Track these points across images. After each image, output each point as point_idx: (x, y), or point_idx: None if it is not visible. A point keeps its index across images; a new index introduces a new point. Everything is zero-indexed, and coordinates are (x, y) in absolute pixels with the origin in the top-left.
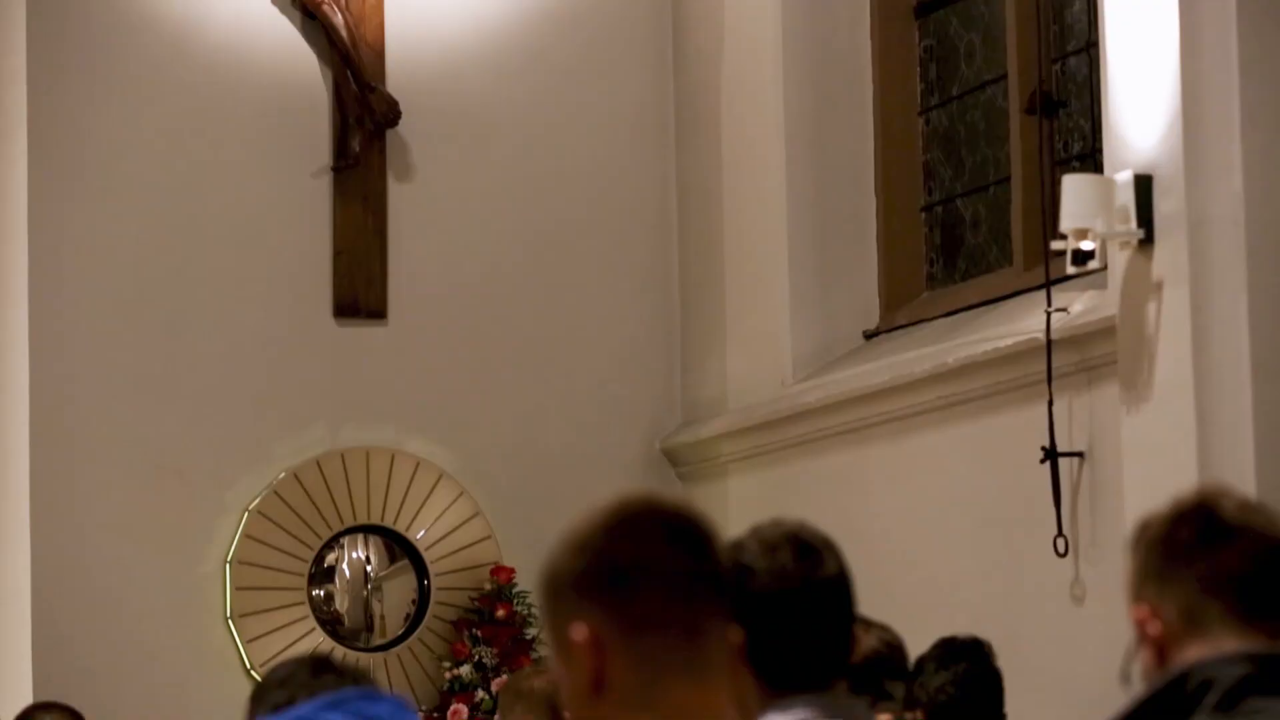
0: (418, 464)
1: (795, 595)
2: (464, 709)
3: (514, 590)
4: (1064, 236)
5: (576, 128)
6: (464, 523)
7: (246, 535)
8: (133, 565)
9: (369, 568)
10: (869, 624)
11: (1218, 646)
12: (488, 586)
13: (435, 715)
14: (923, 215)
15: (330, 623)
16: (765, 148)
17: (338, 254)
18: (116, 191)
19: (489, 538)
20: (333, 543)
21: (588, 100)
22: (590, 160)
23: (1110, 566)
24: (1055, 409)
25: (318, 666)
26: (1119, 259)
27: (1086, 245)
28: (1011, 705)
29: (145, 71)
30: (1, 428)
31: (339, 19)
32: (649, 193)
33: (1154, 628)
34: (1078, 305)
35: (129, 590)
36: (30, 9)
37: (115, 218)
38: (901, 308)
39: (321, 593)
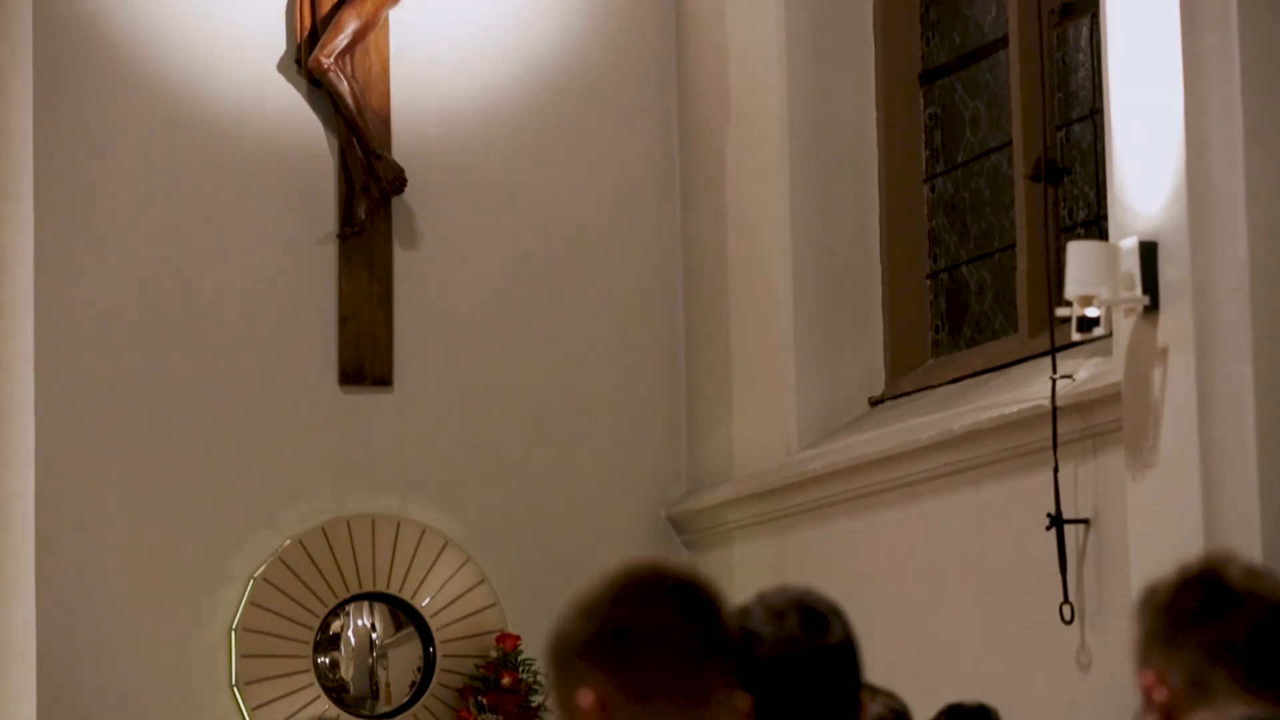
0: (423, 531)
1: (802, 661)
2: None
3: (520, 657)
4: (1069, 303)
5: (582, 195)
6: (469, 590)
7: (251, 602)
8: (138, 632)
9: (374, 635)
10: (875, 690)
11: (1224, 713)
12: (493, 654)
13: None
14: (928, 282)
15: (335, 690)
16: (770, 215)
17: (344, 321)
18: (122, 258)
19: (494, 605)
20: (338, 610)
21: (594, 168)
22: (596, 228)
23: (1116, 633)
24: (1061, 475)
25: None
26: (1124, 325)
27: (1091, 312)
28: None
29: (151, 138)
30: (7, 495)
31: (345, 86)
32: (654, 260)
33: (1160, 694)
34: (1083, 372)
35: (134, 657)
36: (37, 74)
37: (121, 284)
38: (907, 374)
39: (327, 660)
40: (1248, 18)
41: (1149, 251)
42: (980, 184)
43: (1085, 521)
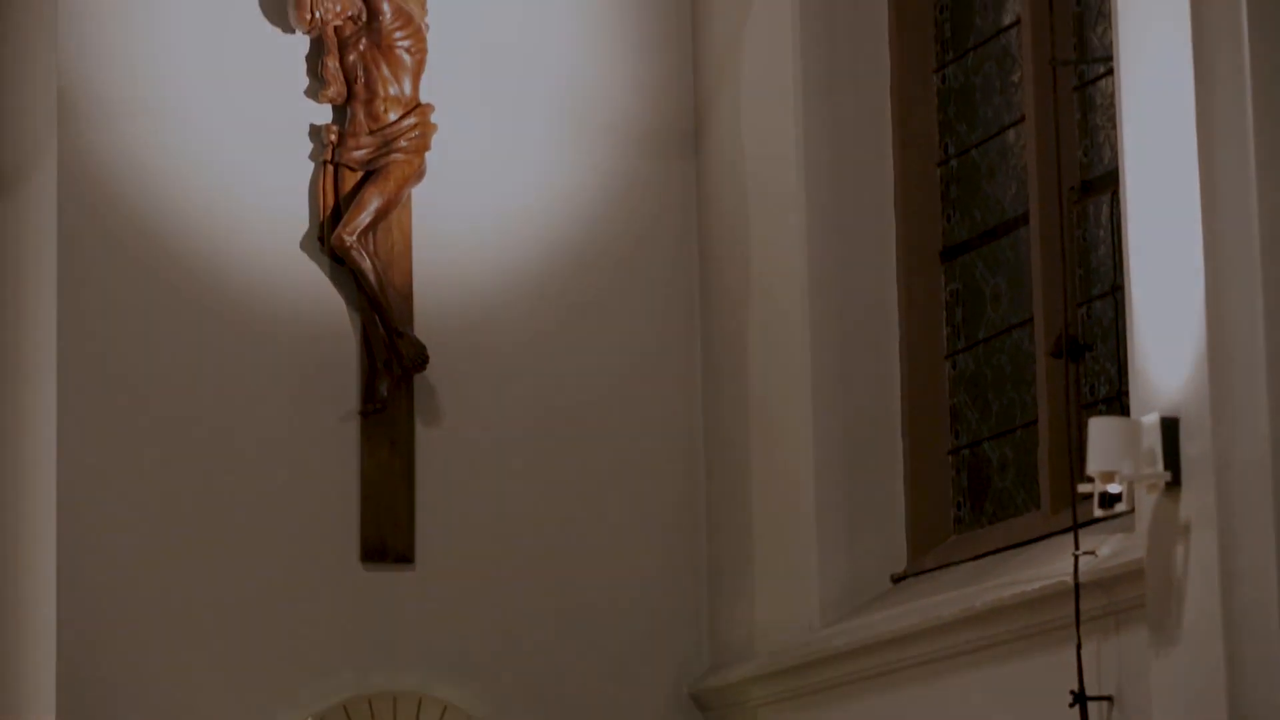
0: (445, 709)
1: None
2: None
3: None
4: (1091, 479)
5: (604, 373)
6: None
7: None
8: None
9: None
10: None
11: None
12: None
13: None
14: (950, 458)
15: None
16: (792, 391)
17: (365, 498)
18: (144, 435)
19: None
20: None
21: (615, 346)
22: (618, 405)
23: None
24: (1084, 652)
25: None
26: (1146, 502)
27: (1114, 488)
28: None
29: (174, 315)
30: (30, 669)
31: (367, 264)
32: (676, 436)
33: None
34: (1105, 548)
35: None
36: (60, 253)
37: (143, 461)
38: (929, 551)
39: None
40: (1267, 196)
41: (1170, 427)
42: (1002, 360)
43: (1109, 699)
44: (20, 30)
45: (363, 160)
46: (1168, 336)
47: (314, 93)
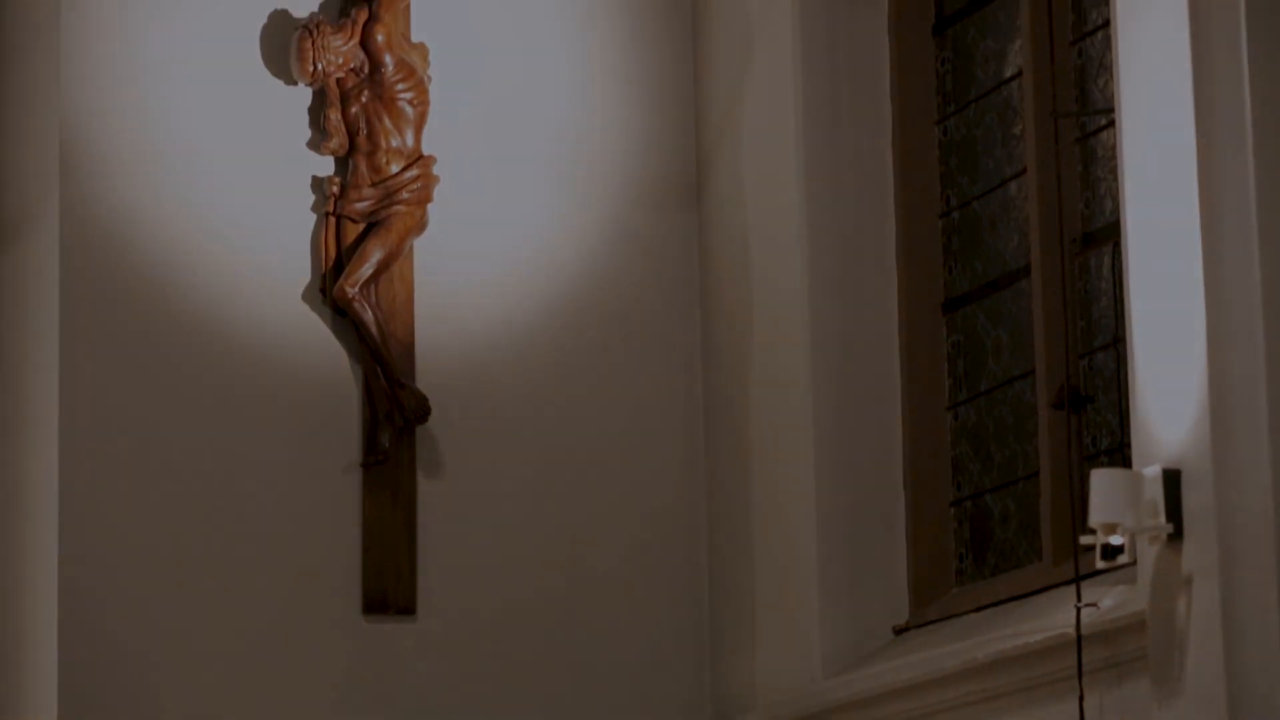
0: None
1: None
2: None
3: None
4: (1093, 531)
5: (605, 424)
6: None
7: None
8: None
9: None
10: None
11: None
12: None
13: None
14: (952, 510)
15: None
16: (793, 443)
17: (367, 550)
18: (146, 487)
19: None
20: None
21: (617, 397)
22: (619, 457)
23: None
24: (1086, 705)
25: None
26: (1148, 554)
27: (1116, 540)
28: None
29: (176, 366)
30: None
31: (369, 316)
32: (678, 488)
33: None
34: (1107, 600)
35: None
36: (63, 301)
37: (145, 512)
38: (931, 603)
39: None
40: (1269, 247)
41: (1172, 479)
42: (1003, 412)
43: None
44: (22, 83)
45: (365, 212)
46: (1169, 388)
47: (316, 145)
